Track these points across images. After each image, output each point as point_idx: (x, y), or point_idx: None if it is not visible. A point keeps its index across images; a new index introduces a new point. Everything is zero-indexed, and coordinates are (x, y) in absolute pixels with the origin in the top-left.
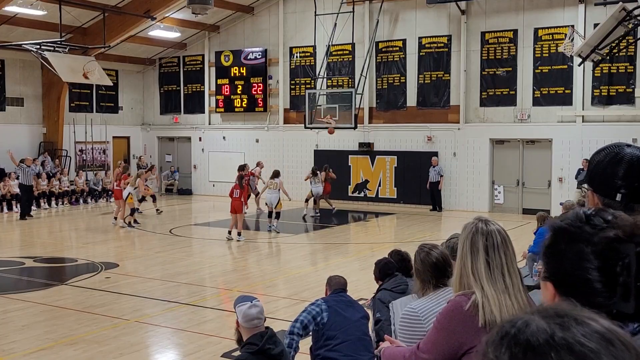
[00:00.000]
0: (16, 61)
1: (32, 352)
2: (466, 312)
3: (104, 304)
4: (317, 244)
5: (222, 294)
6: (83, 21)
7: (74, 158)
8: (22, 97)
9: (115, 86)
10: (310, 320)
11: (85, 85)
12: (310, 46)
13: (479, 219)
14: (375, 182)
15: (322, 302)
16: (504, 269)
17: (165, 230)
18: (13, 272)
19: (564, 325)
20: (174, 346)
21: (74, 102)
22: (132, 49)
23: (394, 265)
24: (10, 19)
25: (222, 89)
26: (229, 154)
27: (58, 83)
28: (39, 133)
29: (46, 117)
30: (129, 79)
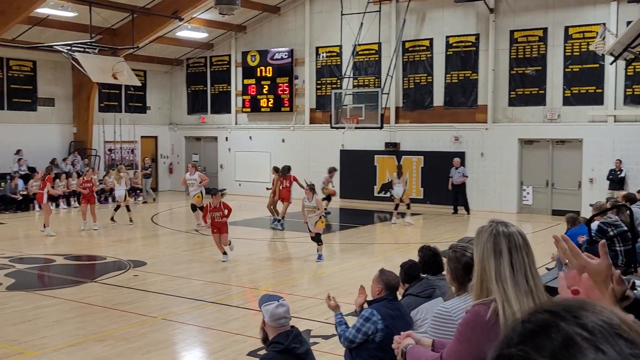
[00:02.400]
0: (48, 62)
1: (62, 347)
2: (487, 322)
3: (132, 301)
4: (342, 244)
5: (247, 292)
6: (112, 22)
7: (103, 157)
8: (53, 98)
9: (143, 86)
10: (364, 339)
11: (114, 86)
12: (337, 46)
13: (496, 221)
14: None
15: (379, 321)
16: (527, 271)
17: (191, 229)
18: (44, 269)
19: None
20: (200, 344)
21: (103, 102)
22: (160, 49)
23: (419, 267)
24: (42, 20)
25: (248, 89)
26: (255, 153)
27: (88, 83)
28: (69, 133)
29: (76, 117)
30: (157, 79)
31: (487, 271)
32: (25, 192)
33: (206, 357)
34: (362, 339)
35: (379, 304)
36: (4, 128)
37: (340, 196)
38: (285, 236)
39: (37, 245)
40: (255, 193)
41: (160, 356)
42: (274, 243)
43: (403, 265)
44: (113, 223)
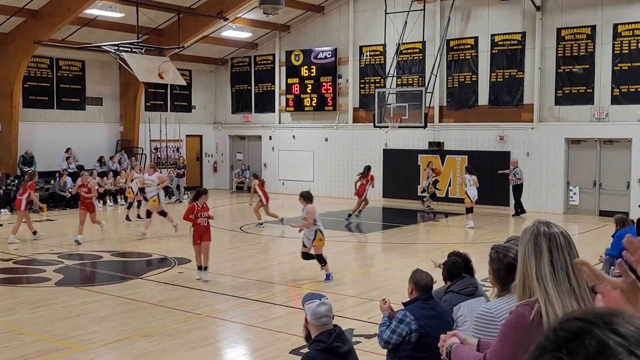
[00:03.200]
0: (96, 62)
1: (109, 342)
2: (530, 323)
3: (176, 298)
4: (385, 243)
5: (290, 291)
6: (159, 22)
7: (148, 156)
8: (101, 97)
9: (188, 86)
10: (400, 340)
11: (160, 85)
12: (380, 45)
13: (540, 221)
14: (445, 181)
15: (412, 321)
16: (569, 271)
17: (235, 227)
18: (92, 265)
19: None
20: (243, 341)
21: (150, 102)
22: (205, 49)
23: (461, 265)
24: (91, 21)
25: (292, 88)
26: (299, 152)
27: (135, 83)
28: (116, 131)
29: (123, 116)
30: (202, 78)
31: (529, 270)
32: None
33: (249, 354)
34: (398, 340)
35: (413, 305)
36: (54, 127)
37: (382, 195)
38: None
39: (85, 242)
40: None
41: (204, 353)
42: None
43: (445, 262)
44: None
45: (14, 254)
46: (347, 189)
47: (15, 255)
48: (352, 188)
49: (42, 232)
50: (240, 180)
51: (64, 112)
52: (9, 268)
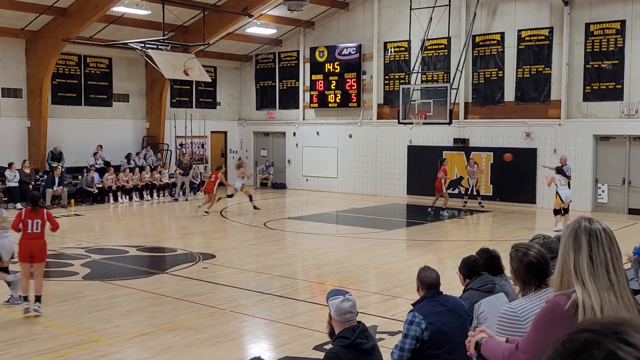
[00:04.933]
0: (122, 59)
1: (134, 336)
2: (565, 312)
3: (201, 293)
4: (409, 240)
5: (314, 287)
6: (184, 20)
7: (174, 152)
8: (128, 94)
9: (213, 82)
10: (414, 343)
11: (185, 82)
12: (405, 41)
13: (582, 217)
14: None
15: (422, 320)
16: (609, 266)
17: (259, 223)
18: (118, 260)
19: None
20: (267, 337)
21: (175, 98)
22: (229, 45)
23: (481, 263)
24: (118, 19)
25: (316, 85)
26: (323, 149)
27: (160, 80)
28: (142, 128)
29: (149, 112)
30: (227, 75)
31: (567, 264)
32: (101, 185)
33: (273, 349)
34: (412, 343)
35: (421, 304)
36: (82, 123)
37: (407, 192)
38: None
39: (111, 237)
40: (322, 188)
41: (228, 347)
42: (340, 238)
43: (466, 260)
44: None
45: None
46: (371, 185)
47: None
48: (376, 184)
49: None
50: (264, 176)
51: (92, 109)
52: None
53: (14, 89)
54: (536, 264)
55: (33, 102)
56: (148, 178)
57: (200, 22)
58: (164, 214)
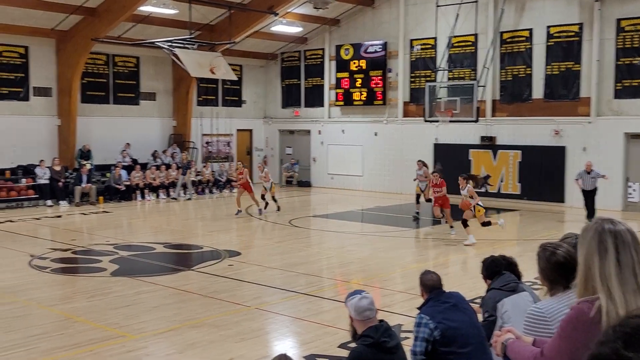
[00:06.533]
0: (150, 58)
1: (160, 332)
2: (591, 319)
3: (226, 290)
4: (435, 240)
5: (339, 285)
6: (211, 18)
7: (200, 150)
8: (155, 92)
9: (239, 80)
10: (426, 345)
11: (211, 80)
12: (431, 38)
13: (603, 218)
14: (497, 177)
15: (429, 321)
16: (636, 269)
17: (285, 221)
18: (145, 256)
19: None
20: (292, 334)
21: (202, 96)
22: (255, 44)
23: (501, 263)
24: (145, 18)
25: (341, 83)
26: (348, 147)
27: (187, 78)
28: (169, 126)
29: (176, 110)
30: (252, 73)
31: (592, 269)
32: (128, 183)
33: (298, 347)
34: (423, 345)
35: (426, 306)
36: (110, 121)
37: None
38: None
39: (138, 234)
40: (347, 186)
41: (253, 344)
42: (365, 236)
43: (484, 261)
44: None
45: (72, 244)
46: (397, 183)
47: (74, 245)
48: (401, 183)
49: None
50: (289, 174)
51: (119, 107)
52: (68, 258)
53: (44, 88)
54: (564, 263)
55: (63, 101)
56: (174, 176)
57: (227, 20)
58: (190, 212)
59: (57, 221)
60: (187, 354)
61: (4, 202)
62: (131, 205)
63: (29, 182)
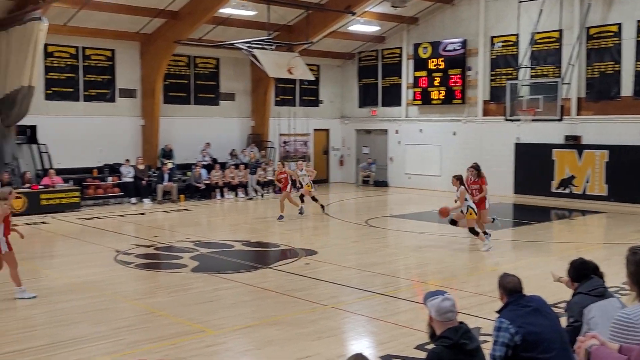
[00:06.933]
0: (229, 59)
1: (238, 328)
2: None
3: (303, 288)
4: (516, 241)
5: (415, 286)
6: (288, 19)
7: (278, 149)
8: (234, 93)
9: (316, 80)
10: (506, 350)
11: (289, 80)
12: (513, 35)
13: None
14: (583, 177)
15: (509, 325)
16: None
17: (361, 221)
18: (224, 254)
19: None
20: (368, 334)
21: (279, 97)
22: (332, 44)
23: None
24: (225, 20)
25: (419, 82)
26: (426, 146)
27: (265, 79)
28: (247, 126)
29: (254, 110)
30: (330, 73)
31: None
32: (208, 182)
33: (374, 347)
34: (503, 350)
35: (505, 310)
36: (191, 121)
37: (514, 191)
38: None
39: (218, 231)
40: (424, 186)
41: (329, 343)
42: (443, 237)
43: (572, 262)
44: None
45: (155, 241)
46: None
47: (156, 242)
48: None
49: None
50: (366, 173)
51: (200, 108)
52: (151, 254)
53: (129, 89)
54: None
55: (147, 102)
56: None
57: (304, 21)
58: (268, 210)
59: (141, 218)
60: (264, 351)
61: (92, 200)
62: (211, 204)
63: (114, 180)
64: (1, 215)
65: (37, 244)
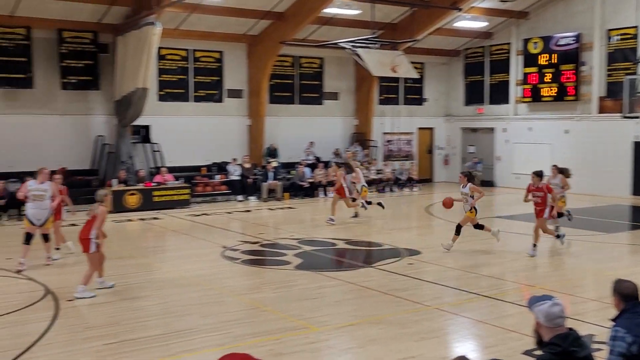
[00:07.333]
0: (333, 58)
1: (341, 326)
2: None
3: (406, 288)
4: (634, 245)
5: (523, 289)
6: (393, 17)
7: (381, 148)
8: (338, 92)
9: (420, 78)
10: (618, 359)
11: (393, 79)
12: (632, 27)
13: None
14: None
15: (626, 334)
16: None
17: None
18: (327, 252)
19: None
20: (473, 337)
21: (383, 95)
22: (438, 41)
23: None
24: (329, 20)
25: (528, 78)
26: (535, 145)
27: (369, 77)
28: (351, 125)
29: (358, 109)
30: (434, 71)
31: None
32: (312, 180)
33: (479, 350)
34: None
35: (621, 318)
36: (295, 121)
37: (632, 192)
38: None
39: (321, 229)
40: None
41: (432, 344)
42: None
43: None
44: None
45: (260, 237)
46: (589, 184)
47: (261, 239)
48: (595, 183)
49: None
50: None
51: (304, 107)
52: (256, 250)
53: (236, 89)
54: None
55: (253, 102)
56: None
57: (409, 18)
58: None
59: (247, 215)
60: (367, 349)
61: (200, 197)
62: (314, 202)
63: (222, 178)
64: (103, 217)
65: (151, 239)
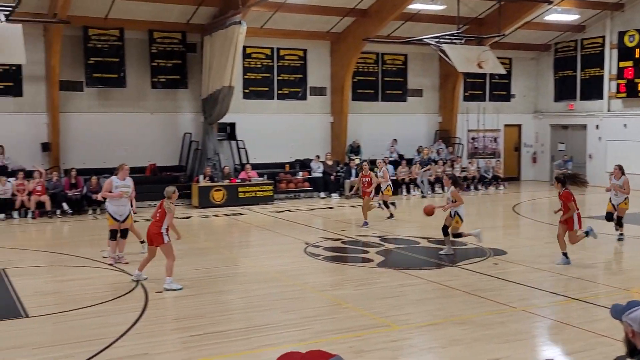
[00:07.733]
0: (417, 55)
1: (423, 325)
2: None
3: (491, 289)
4: None
5: (616, 293)
6: (479, 12)
7: (466, 146)
8: (421, 89)
9: (508, 74)
10: None
11: (478, 75)
12: None
13: None
14: None
15: None
16: None
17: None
18: (410, 250)
19: None
20: (560, 341)
21: (468, 92)
22: (526, 35)
23: None
24: (413, 16)
25: (624, 73)
26: (631, 143)
27: (454, 74)
28: (434, 122)
29: (442, 106)
30: (522, 66)
31: None
32: (394, 178)
33: (567, 355)
34: None
35: None
36: (378, 118)
37: None
38: None
39: (404, 227)
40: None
41: (518, 347)
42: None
43: None
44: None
45: (342, 234)
46: None
47: (343, 236)
48: None
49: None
50: (562, 171)
51: (387, 104)
52: (338, 247)
53: (319, 87)
54: None
55: (336, 99)
56: (440, 172)
57: (496, 13)
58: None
59: (329, 212)
60: (450, 350)
61: (284, 193)
62: (397, 200)
63: (305, 175)
64: (172, 211)
65: (236, 234)
